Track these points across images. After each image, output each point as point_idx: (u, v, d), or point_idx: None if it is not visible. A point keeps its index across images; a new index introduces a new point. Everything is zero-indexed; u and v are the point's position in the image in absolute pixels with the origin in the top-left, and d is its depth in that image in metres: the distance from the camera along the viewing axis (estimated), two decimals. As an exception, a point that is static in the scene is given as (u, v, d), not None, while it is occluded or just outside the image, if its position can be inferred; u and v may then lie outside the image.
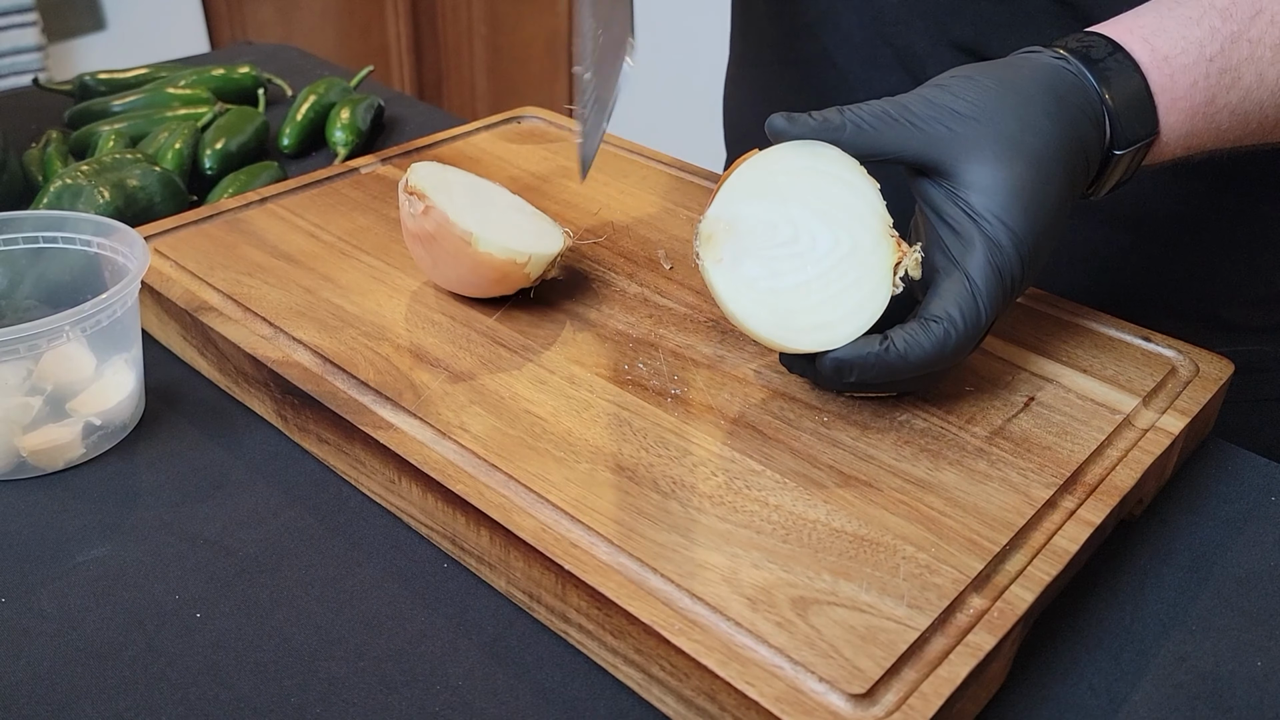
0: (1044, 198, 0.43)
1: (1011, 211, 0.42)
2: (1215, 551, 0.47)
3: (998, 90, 0.44)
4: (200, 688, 0.39)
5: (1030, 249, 0.43)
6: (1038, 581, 0.39)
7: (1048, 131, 0.43)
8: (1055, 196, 0.43)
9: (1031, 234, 0.42)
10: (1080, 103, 0.44)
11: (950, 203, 0.43)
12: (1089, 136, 0.44)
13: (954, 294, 0.42)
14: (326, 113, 0.86)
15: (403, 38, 2.53)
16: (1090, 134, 0.44)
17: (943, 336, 0.42)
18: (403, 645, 0.41)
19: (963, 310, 0.42)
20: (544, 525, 0.41)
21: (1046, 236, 0.43)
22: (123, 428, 0.52)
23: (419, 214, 0.51)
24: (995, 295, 0.42)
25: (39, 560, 0.45)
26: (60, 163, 0.74)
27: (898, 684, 0.35)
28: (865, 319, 0.43)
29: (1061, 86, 0.44)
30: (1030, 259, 0.43)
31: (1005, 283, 0.42)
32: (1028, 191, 0.42)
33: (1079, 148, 0.44)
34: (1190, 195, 0.60)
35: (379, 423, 0.46)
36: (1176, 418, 0.48)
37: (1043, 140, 0.43)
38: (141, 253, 0.50)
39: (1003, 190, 0.42)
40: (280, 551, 0.45)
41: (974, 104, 0.43)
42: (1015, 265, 0.42)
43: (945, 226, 0.43)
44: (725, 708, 0.36)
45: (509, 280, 0.53)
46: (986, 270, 0.42)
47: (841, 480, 0.44)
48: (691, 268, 0.59)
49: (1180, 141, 0.46)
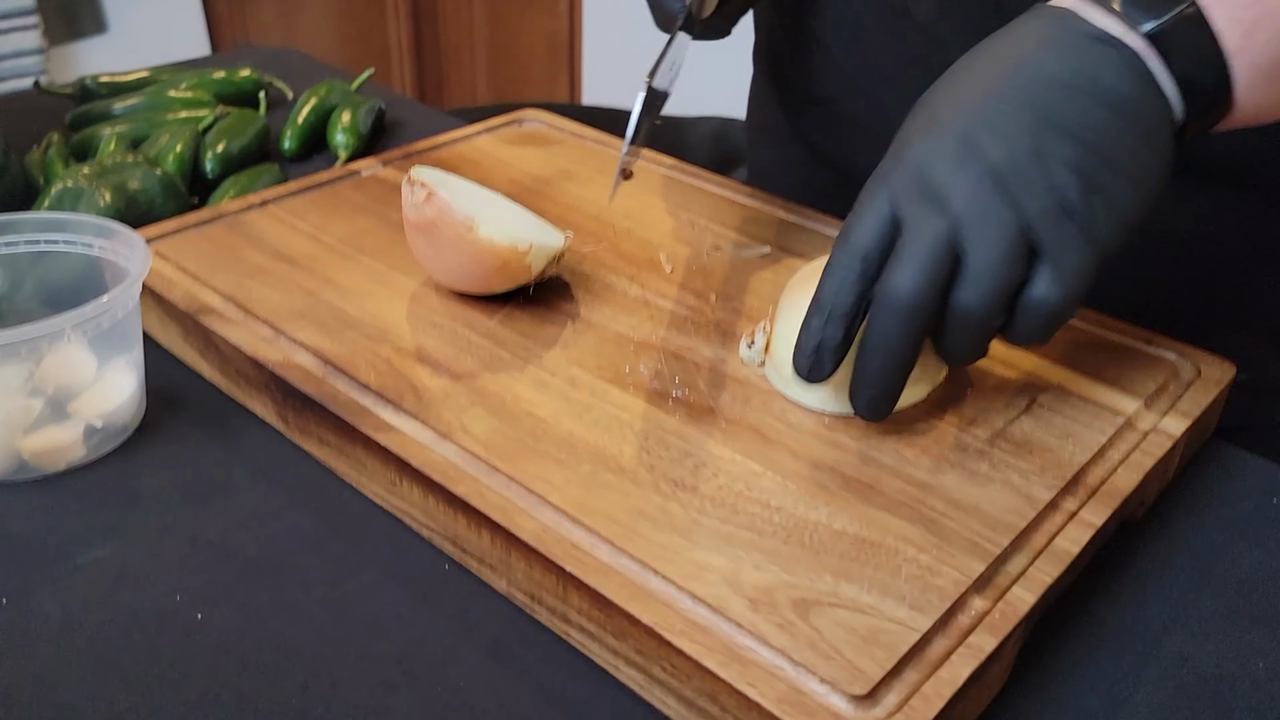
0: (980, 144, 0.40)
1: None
2: (1217, 553, 0.47)
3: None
4: (202, 689, 0.39)
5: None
6: (1039, 583, 0.39)
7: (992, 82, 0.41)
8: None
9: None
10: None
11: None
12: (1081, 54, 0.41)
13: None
14: (327, 115, 0.86)
15: (404, 40, 2.54)
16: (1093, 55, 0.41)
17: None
18: (404, 646, 0.41)
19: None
20: (545, 527, 0.41)
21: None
22: (124, 430, 0.52)
23: (421, 202, 0.52)
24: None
25: (40, 562, 0.45)
26: (61, 165, 0.74)
27: (899, 685, 0.35)
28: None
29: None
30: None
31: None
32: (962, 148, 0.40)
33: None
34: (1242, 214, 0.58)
35: (380, 425, 0.46)
36: (1178, 420, 0.48)
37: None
38: (142, 255, 0.50)
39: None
40: (281, 553, 0.45)
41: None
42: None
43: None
44: (727, 709, 0.36)
45: (510, 271, 0.53)
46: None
47: (843, 482, 0.44)
48: (693, 270, 0.59)
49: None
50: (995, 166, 0.39)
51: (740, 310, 0.56)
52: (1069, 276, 0.40)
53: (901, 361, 0.42)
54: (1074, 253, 0.40)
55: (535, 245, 0.53)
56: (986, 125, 0.40)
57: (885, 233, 0.41)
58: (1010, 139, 0.40)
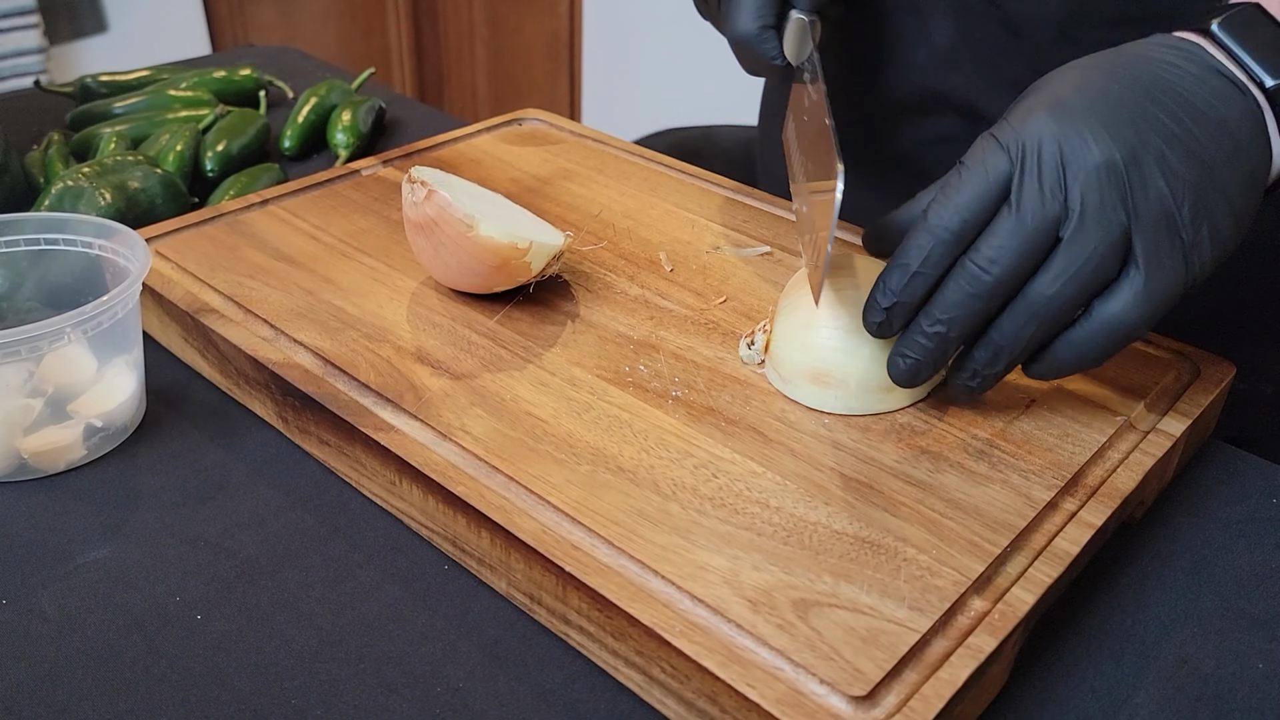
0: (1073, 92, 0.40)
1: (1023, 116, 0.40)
2: (1216, 554, 0.47)
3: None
4: (201, 689, 0.39)
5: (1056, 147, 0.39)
6: (1039, 584, 0.39)
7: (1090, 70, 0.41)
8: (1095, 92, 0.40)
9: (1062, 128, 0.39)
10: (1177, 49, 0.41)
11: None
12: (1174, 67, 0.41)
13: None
14: (328, 115, 0.86)
15: (404, 40, 2.54)
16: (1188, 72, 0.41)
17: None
18: (403, 647, 0.41)
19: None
20: (545, 527, 0.41)
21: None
22: (124, 429, 0.52)
23: (421, 200, 0.52)
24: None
25: (40, 562, 0.45)
26: (61, 165, 0.74)
27: (899, 686, 0.35)
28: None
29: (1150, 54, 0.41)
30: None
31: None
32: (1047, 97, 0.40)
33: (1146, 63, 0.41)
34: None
35: (380, 424, 0.46)
36: (1178, 420, 0.48)
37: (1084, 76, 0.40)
38: (143, 255, 0.50)
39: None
40: (281, 553, 0.45)
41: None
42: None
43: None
44: (726, 710, 0.36)
45: (509, 269, 0.53)
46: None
47: (842, 482, 0.44)
48: (693, 269, 0.59)
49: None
50: (1119, 162, 0.38)
51: (740, 310, 0.56)
52: (1155, 294, 0.39)
53: (959, 335, 0.41)
54: (1168, 271, 0.39)
55: (535, 244, 0.53)
56: (1115, 120, 0.39)
57: (990, 203, 0.40)
58: (1137, 141, 0.39)
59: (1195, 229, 0.39)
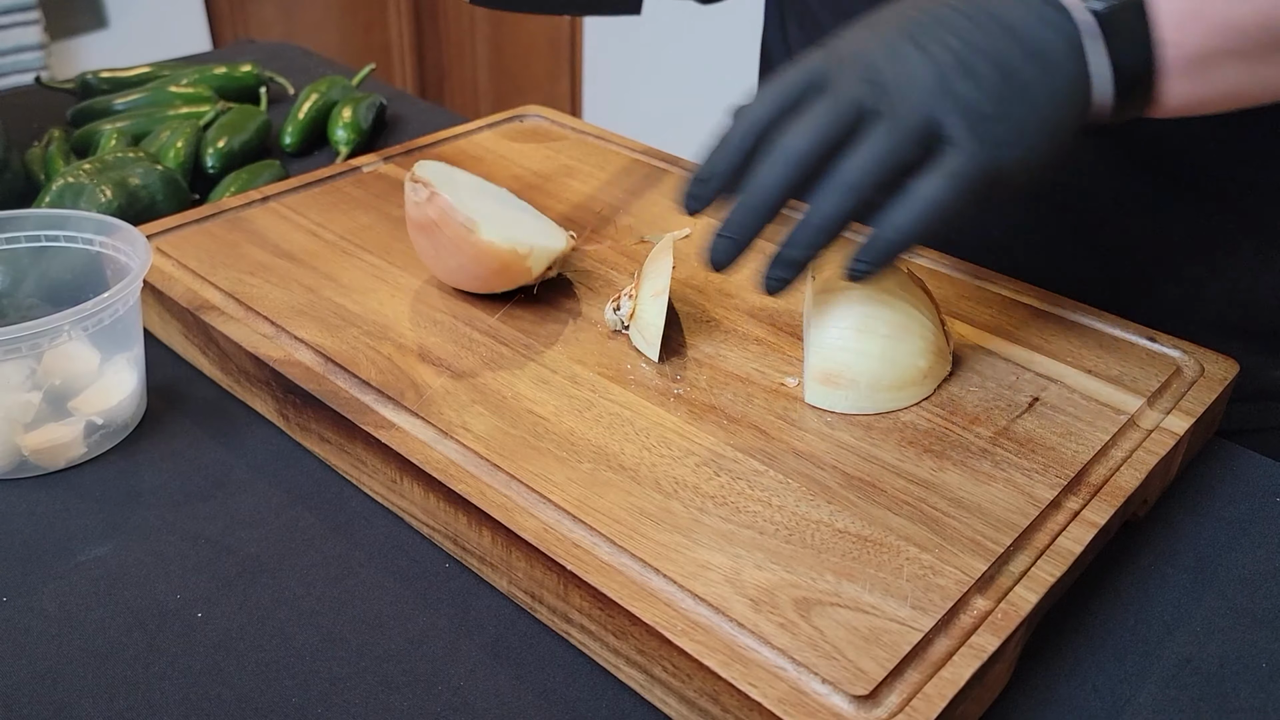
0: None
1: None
2: (1220, 553, 0.47)
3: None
4: (201, 687, 0.39)
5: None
6: (1041, 583, 0.39)
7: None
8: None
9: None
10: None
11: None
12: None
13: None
14: (328, 111, 0.86)
15: (405, 36, 2.53)
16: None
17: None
18: (404, 645, 0.41)
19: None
20: (546, 525, 0.41)
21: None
22: (124, 427, 0.52)
23: (423, 201, 0.51)
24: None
25: (40, 559, 0.45)
26: (62, 161, 0.74)
27: (901, 685, 0.35)
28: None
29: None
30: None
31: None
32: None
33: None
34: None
35: (381, 422, 0.46)
36: (1181, 418, 0.48)
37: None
38: (143, 251, 0.50)
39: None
40: (281, 551, 0.45)
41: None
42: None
43: None
44: (728, 709, 0.36)
45: (510, 273, 0.53)
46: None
47: (845, 481, 0.44)
48: (694, 266, 0.59)
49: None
50: (931, 57, 0.41)
51: (742, 308, 0.55)
52: (962, 174, 0.41)
53: (771, 208, 0.43)
54: (975, 156, 0.41)
55: (536, 248, 0.53)
56: (930, 27, 0.42)
57: (803, 93, 0.43)
58: (949, 42, 0.41)
59: (1000, 120, 0.41)
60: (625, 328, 0.53)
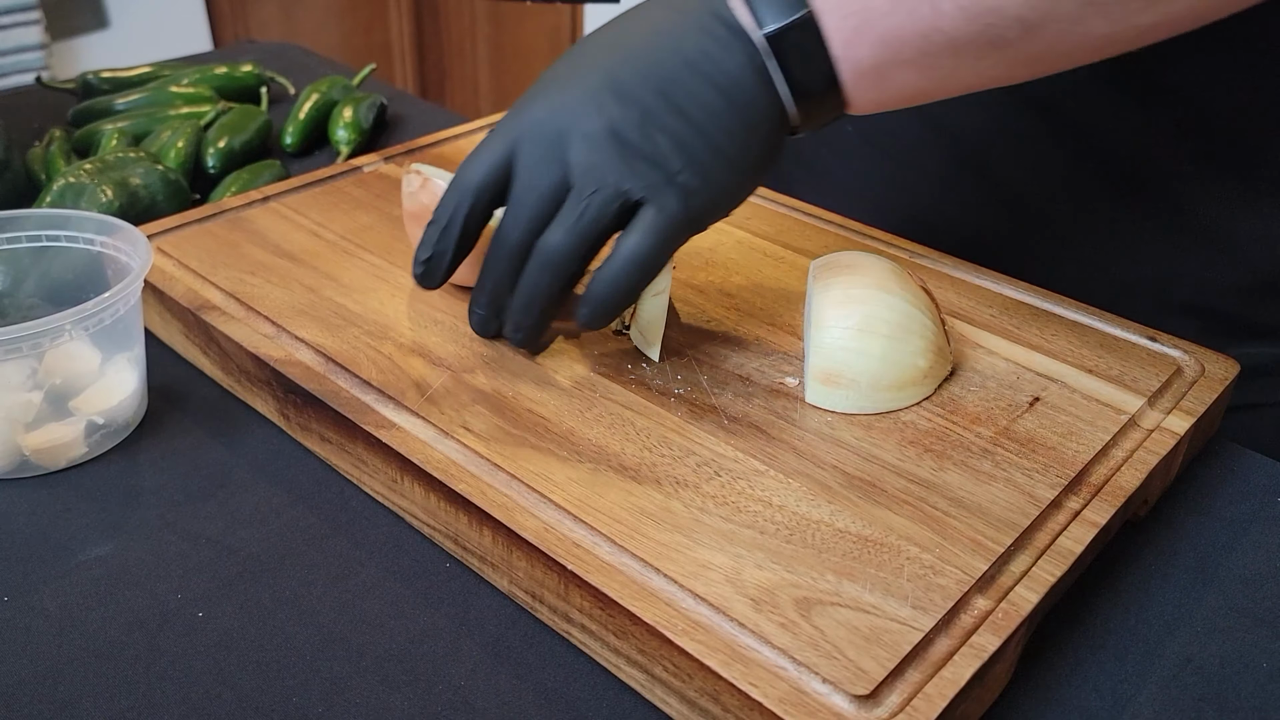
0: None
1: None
2: (1221, 552, 0.47)
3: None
4: (202, 687, 0.39)
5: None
6: (1042, 582, 0.39)
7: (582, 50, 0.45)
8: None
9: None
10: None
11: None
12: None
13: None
14: (329, 111, 0.86)
15: (405, 36, 2.53)
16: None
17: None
18: (404, 645, 0.41)
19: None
20: (547, 525, 0.41)
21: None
22: (125, 426, 0.52)
23: (417, 189, 0.52)
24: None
25: (41, 559, 0.45)
26: (63, 161, 0.74)
27: (901, 685, 0.35)
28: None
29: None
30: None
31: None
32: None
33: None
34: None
35: (381, 422, 0.46)
36: (1182, 418, 0.48)
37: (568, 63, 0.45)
38: (144, 251, 0.50)
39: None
40: (282, 551, 0.45)
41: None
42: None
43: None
44: (729, 709, 0.36)
45: None
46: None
47: (845, 480, 0.44)
48: (695, 266, 0.59)
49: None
50: (611, 124, 0.43)
51: (743, 307, 0.55)
52: (661, 229, 0.44)
53: (500, 288, 0.48)
54: (669, 212, 0.44)
55: None
56: (611, 87, 0.43)
57: (499, 173, 0.46)
58: (630, 102, 0.43)
59: (688, 177, 0.43)
60: (626, 328, 0.53)
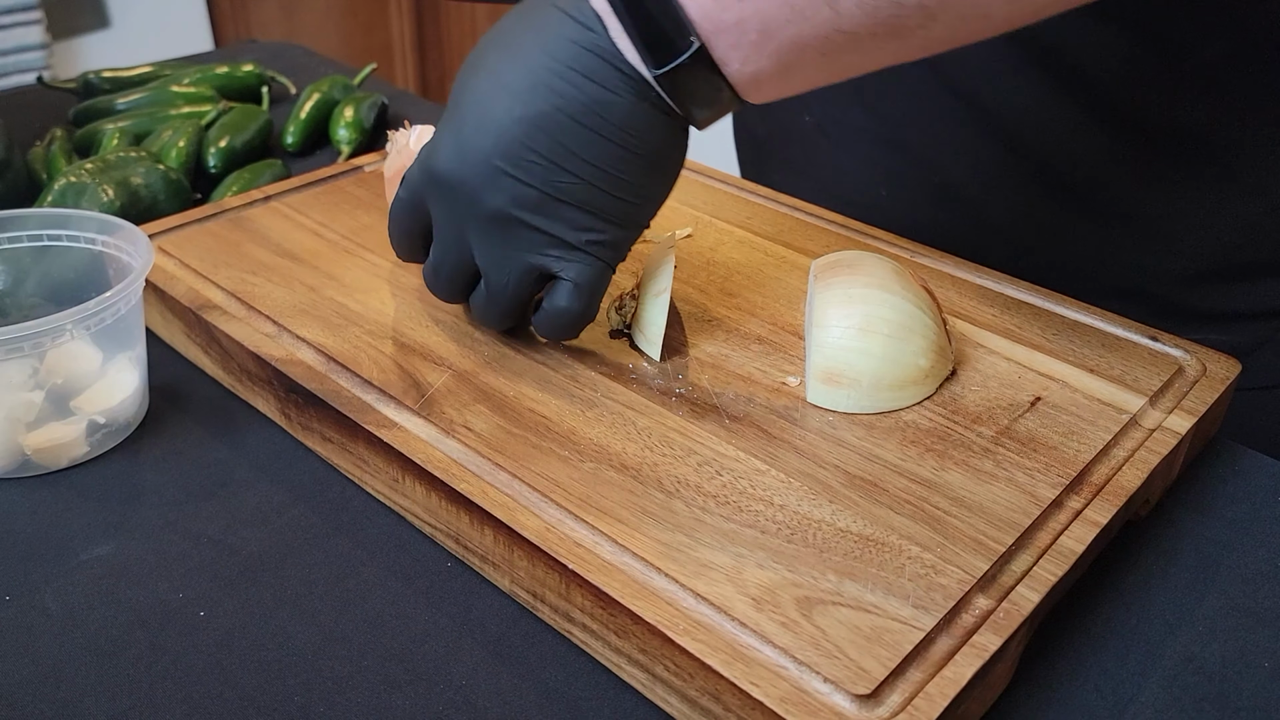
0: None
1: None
2: (1222, 552, 0.47)
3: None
4: (204, 686, 0.39)
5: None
6: (1044, 582, 0.39)
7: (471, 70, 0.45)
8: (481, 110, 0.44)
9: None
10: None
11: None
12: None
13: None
14: (330, 111, 0.86)
15: (406, 35, 2.53)
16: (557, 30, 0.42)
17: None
18: (406, 644, 0.41)
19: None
20: (548, 524, 0.41)
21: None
22: (126, 426, 0.52)
23: (402, 146, 0.52)
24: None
25: (43, 558, 0.45)
26: (64, 161, 0.74)
27: (903, 685, 0.35)
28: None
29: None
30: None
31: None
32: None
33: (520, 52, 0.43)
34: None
35: (383, 421, 0.46)
36: (1183, 417, 0.48)
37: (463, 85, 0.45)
38: (145, 251, 0.50)
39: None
40: (284, 550, 0.45)
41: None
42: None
43: None
44: (730, 708, 0.36)
45: None
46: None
47: (847, 480, 0.44)
48: (696, 265, 0.59)
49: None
50: (510, 205, 0.44)
51: (744, 307, 0.55)
52: (581, 288, 0.46)
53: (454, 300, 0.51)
54: (587, 271, 0.46)
55: None
56: (505, 154, 0.43)
57: (419, 212, 0.48)
58: (527, 171, 0.43)
59: (600, 234, 0.45)
60: (627, 327, 0.53)
